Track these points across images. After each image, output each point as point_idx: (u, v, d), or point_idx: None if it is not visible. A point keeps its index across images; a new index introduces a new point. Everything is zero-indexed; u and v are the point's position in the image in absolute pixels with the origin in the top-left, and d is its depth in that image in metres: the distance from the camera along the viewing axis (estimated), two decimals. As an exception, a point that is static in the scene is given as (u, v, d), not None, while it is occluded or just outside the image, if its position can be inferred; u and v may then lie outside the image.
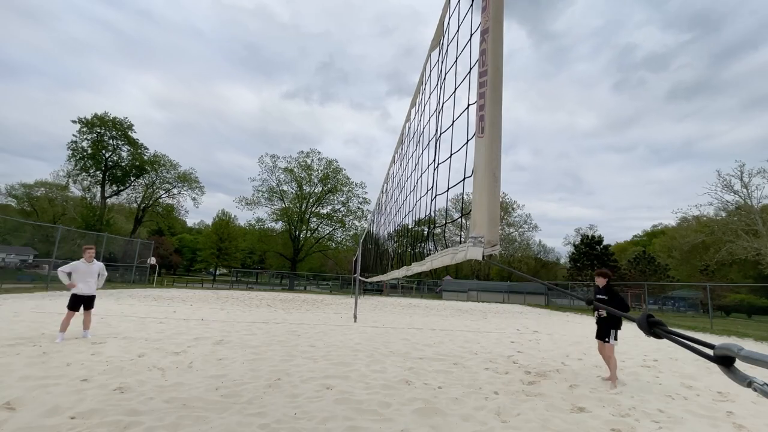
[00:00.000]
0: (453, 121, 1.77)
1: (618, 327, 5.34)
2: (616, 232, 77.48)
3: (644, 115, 54.93)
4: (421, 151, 2.75)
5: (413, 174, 3.10)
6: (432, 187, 2.17)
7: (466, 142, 1.51)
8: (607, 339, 5.31)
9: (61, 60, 65.94)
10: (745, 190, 32.14)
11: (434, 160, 2.18)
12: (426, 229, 3.25)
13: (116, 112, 66.09)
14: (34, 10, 57.36)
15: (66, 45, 65.67)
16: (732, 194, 32.95)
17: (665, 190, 56.32)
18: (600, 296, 5.43)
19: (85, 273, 6.21)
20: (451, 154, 1.81)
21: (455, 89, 1.81)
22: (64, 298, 12.56)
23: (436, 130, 2.20)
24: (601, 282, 5.52)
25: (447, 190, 1.82)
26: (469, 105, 1.53)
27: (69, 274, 6.09)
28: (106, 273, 6.63)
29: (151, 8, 73.03)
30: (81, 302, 6.15)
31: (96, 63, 69.64)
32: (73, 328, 6.36)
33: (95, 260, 6.44)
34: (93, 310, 6.45)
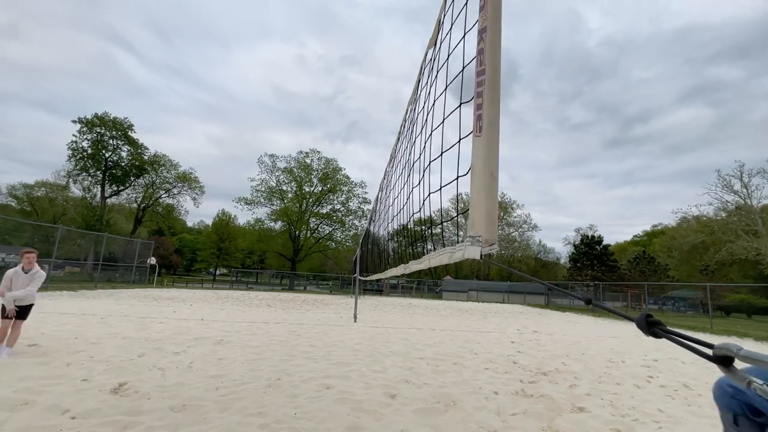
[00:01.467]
0: (443, 119, 1.76)
1: None
2: (611, 234, 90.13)
3: (593, 156, 74.00)
4: (414, 150, 2.75)
5: (409, 173, 3.09)
6: (425, 186, 2.17)
7: (458, 141, 1.50)
8: None
9: (153, 116, 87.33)
10: (745, 190, 32.17)
11: (426, 158, 2.18)
12: (424, 229, 3.24)
13: (181, 149, 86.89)
14: (146, 87, 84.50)
15: (163, 109, 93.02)
16: (732, 194, 32.99)
17: (628, 204, 74.26)
18: None
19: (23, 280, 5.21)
20: (442, 152, 1.80)
21: (445, 87, 1.81)
22: (64, 298, 12.58)
23: (438, 133, 2.20)
24: None
25: (440, 188, 1.82)
26: (461, 103, 1.52)
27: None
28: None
29: (229, 87, 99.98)
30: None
31: (180, 119, 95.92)
32: (76, 329, 6.36)
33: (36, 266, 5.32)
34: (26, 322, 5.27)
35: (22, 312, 5.14)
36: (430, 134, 2.17)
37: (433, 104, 2.10)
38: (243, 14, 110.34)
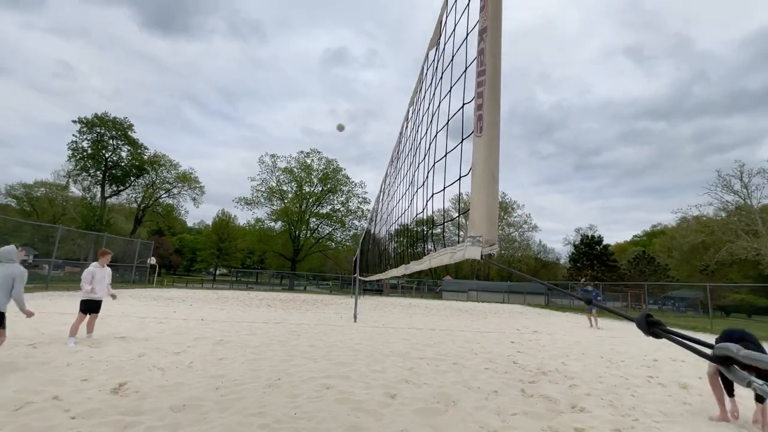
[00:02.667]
0: (448, 120, 1.76)
1: None
2: (608, 233, 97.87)
3: (565, 176, 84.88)
4: (417, 151, 2.75)
5: (410, 173, 3.09)
6: (428, 186, 2.17)
7: (461, 142, 1.50)
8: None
9: (200, 147, 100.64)
10: (745, 190, 32.18)
11: (430, 159, 2.18)
12: (425, 229, 3.25)
13: (215, 170, 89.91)
14: (201, 127, 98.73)
15: (210, 142, 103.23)
16: (732, 194, 33.00)
17: (602, 212, 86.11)
18: None
19: (101, 278, 6.10)
20: (446, 153, 1.81)
21: (450, 88, 1.81)
22: (64, 298, 12.57)
23: (436, 132, 2.20)
24: None
25: (443, 189, 1.82)
26: (464, 104, 1.52)
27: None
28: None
29: (267, 126, 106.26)
30: (93, 306, 6.06)
31: (221, 149, 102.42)
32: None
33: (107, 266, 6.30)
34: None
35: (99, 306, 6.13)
36: (435, 135, 2.17)
37: (438, 105, 2.10)
38: (285, 82, 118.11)
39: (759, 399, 3.70)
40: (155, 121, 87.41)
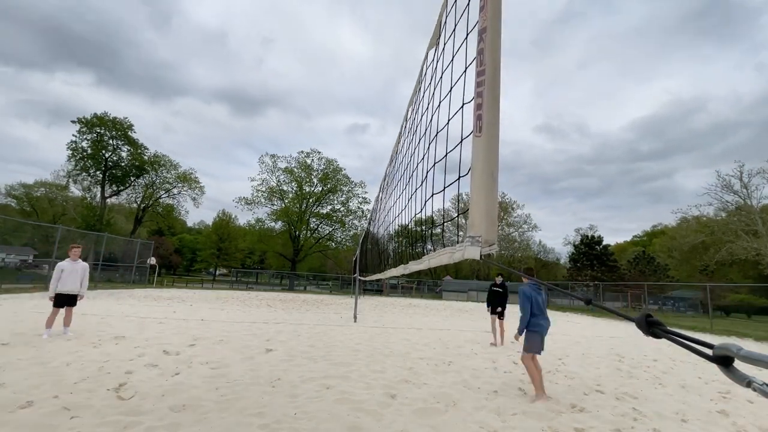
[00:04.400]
0: (448, 120, 1.76)
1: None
2: (606, 233, 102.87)
3: (536, 197, 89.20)
4: (416, 151, 2.75)
5: (409, 173, 3.09)
6: (427, 186, 2.17)
7: (461, 142, 1.50)
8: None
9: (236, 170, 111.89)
10: (744, 191, 32.16)
11: (429, 159, 2.17)
12: (424, 229, 3.24)
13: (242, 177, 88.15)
14: (246, 161, 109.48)
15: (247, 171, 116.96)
16: (732, 194, 32.97)
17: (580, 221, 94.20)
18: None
19: (71, 272, 6.34)
20: (447, 153, 1.80)
21: (451, 88, 1.81)
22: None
23: (437, 132, 2.20)
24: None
25: (443, 189, 1.82)
26: (463, 104, 1.52)
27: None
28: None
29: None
30: (65, 300, 6.29)
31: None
32: (76, 329, 6.38)
33: (80, 260, 6.58)
34: (75, 308, 6.57)
35: (74, 300, 6.40)
36: (436, 135, 2.17)
37: (439, 105, 2.10)
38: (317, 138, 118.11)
39: None
40: (218, 159, 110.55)
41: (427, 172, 2.27)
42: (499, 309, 8.43)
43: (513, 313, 6.87)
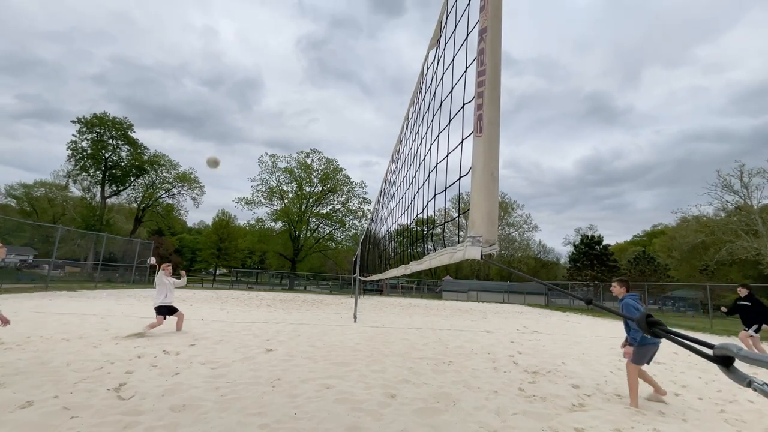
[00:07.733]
0: (449, 121, 1.76)
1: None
2: (605, 233, 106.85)
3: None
4: (417, 151, 2.75)
5: (411, 173, 3.09)
6: (429, 186, 2.17)
7: (461, 142, 1.50)
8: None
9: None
10: (745, 190, 32.18)
11: (430, 159, 2.18)
12: (425, 229, 3.25)
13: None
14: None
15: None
16: (732, 194, 32.99)
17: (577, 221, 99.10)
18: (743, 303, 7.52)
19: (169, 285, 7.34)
20: (448, 154, 1.81)
21: (452, 88, 1.81)
22: (64, 298, 12.57)
23: (438, 133, 2.20)
24: (743, 292, 7.56)
25: (445, 190, 1.82)
26: (464, 104, 1.52)
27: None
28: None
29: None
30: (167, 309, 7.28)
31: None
32: (76, 329, 6.37)
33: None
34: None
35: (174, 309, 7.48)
36: (437, 136, 2.17)
37: (440, 105, 2.10)
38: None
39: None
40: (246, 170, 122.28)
41: (429, 173, 2.27)
42: (755, 326, 7.28)
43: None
